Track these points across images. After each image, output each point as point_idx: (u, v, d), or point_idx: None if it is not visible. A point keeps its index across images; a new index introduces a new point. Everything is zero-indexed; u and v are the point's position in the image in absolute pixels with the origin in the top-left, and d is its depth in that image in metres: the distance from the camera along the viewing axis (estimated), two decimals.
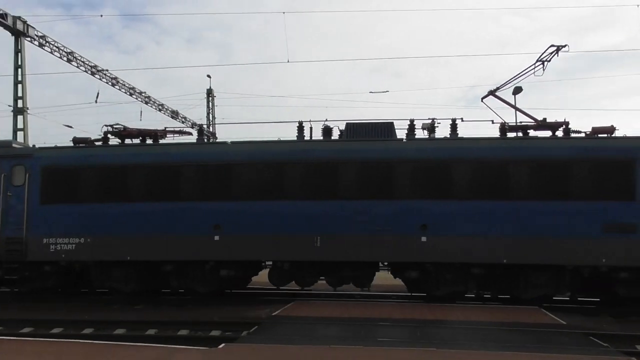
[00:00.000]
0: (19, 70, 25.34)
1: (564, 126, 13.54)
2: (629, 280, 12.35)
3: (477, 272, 12.89)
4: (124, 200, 14.02)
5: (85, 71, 28.89)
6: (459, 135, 13.73)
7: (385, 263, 14.48)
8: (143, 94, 33.92)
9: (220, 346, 8.43)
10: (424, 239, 12.89)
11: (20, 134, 25.30)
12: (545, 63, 14.05)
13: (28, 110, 25.65)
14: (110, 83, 30.70)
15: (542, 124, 13.73)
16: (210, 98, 42.53)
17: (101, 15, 45.82)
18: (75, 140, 15.30)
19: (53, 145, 15.22)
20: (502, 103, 14.42)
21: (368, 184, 13.21)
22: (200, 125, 14.80)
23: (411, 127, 14.08)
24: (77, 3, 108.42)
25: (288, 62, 33.00)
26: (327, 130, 14.47)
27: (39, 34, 25.96)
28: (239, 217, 13.50)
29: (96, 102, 28.47)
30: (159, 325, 11.13)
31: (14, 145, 16.05)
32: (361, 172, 13.30)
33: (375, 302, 13.31)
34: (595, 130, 13.36)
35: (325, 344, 8.42)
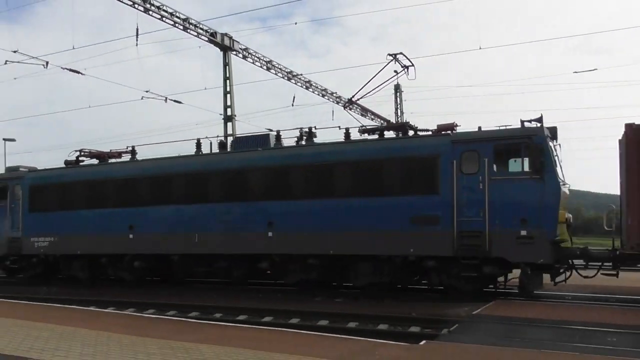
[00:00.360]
0: (227, 81, 27.96)
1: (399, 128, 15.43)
2: (436, 269, 13.23)
3: (312, 263, 14.43)
4: (73, 208, 18.38)
5: (282, 77, 30.91)
6: (315, 141, 15.59)
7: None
8: (334, 94, 35.22)
9: (421, 343, 8.30)
10: (270, 234, 14.84)
11: (229, 140, 27.89)
12: (409, 68, 15.56)
13: (236, 117, 28.19)
14: (304, 86, 32.44)
15: (386, 127, 15.45)
16: (398, 93, 42.63)
17: (295, 23, 48.28)
18: (66, 162, 19.75)
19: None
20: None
21: (229, 189, 15.66)
22: (133, 147, 18.76)
23: (278, 137, 16.24)
24: (271, 15, 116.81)
25: (480, 49, 31.51)
26: (222, 144, 17.43)
27: (242, 47, 28.38)
28: (144, 219, 16.88)
29: (292, 105, 30.29)
30: (359, 319, 11.37)
31: (20, 169, 21.05)
32: (224, 179, 15.84)
33: (590, 304, 12.07)
34: (439, 128, 14.04)
35: (534, 347, 7.82)
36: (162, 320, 10.45)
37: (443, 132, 13.77)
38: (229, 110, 27.93)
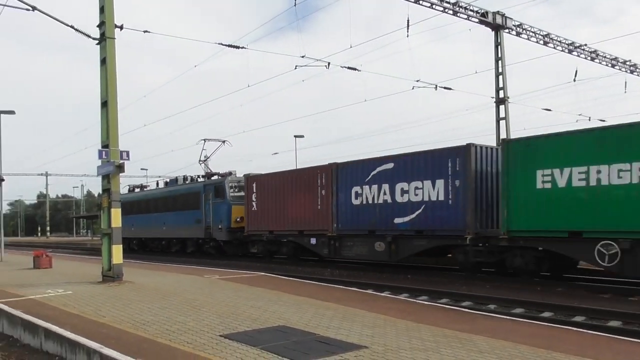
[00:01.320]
0: (499, 62, 26.78)
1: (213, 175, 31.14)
2: (203, 244, 29.72)
3: (175, 242, 32.96)
4: (131, 214, 34.60)
5: (562, 50, 28.36)
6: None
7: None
8: (627, 63, 31.00)
9: None
10: (164, 228, 32.74)
11: (502, 123, 26.73)
12: (225, 142, 32.22)
13: (509, 99, 26.86)
14: (589, 58, 29.26)
15: (210, 174, 30.78)
16: None
17: None
18: (129, 188, 39.49)
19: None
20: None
21: (153, 207, 33.92)
22: (141, 186, 41.23)
23: (176, 180, 33.44)
24: None
25: None
26: (166, 183, 35.18)
27: (516, 24, 26.83)
28: (135, 221, 35.17)
29: (574, 80, 27.56)
30: None
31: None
32: (152, 202, 34.51)
33: None
34: (222, 174, 29.44)
35: None
36: (435, 308, 10.49)
37: (208, 179, 29.83)
38: (501, 92, 26.77)
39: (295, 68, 23.57)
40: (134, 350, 6.80)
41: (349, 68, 24.00)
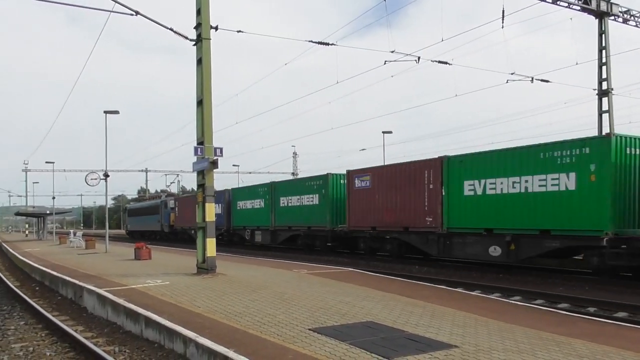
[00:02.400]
0: (603, 52, 25.19)
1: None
2: (167, 235, 52.34)
3: (150, 233, 60.03)
4: (133, 216, 65.18)
5: None
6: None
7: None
8: None
9: None
10: (148, 225, 59.62)
11: (605, 117, 25.14)
12: (179, 175, 65.14)
13: (612, 91, 25.20)
14: None
15: (170, 194, 63.56)
16: None
17: None
18: (139, 198, 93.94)
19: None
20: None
21: (145, 212, 59.83)
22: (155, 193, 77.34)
23: (154, 197, 75.53)
24: None
25: None
26: (149, 198, 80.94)
27: (623, 10, 25.15)
28: (139, 221, 62.49)
29: None
30: None
31: (128, 204, 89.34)
32: (144, 210, 61.07)
33: None
34: (168, 194, 63.04)
35: None
36: (529, 309, 10.05)
37: (166, 197, 56.75)
38: (604, 84, 25.17)
39: (385, 63, 23.32)
40: (227, 340, 7.04)
41: (439, 62, 23.47)
